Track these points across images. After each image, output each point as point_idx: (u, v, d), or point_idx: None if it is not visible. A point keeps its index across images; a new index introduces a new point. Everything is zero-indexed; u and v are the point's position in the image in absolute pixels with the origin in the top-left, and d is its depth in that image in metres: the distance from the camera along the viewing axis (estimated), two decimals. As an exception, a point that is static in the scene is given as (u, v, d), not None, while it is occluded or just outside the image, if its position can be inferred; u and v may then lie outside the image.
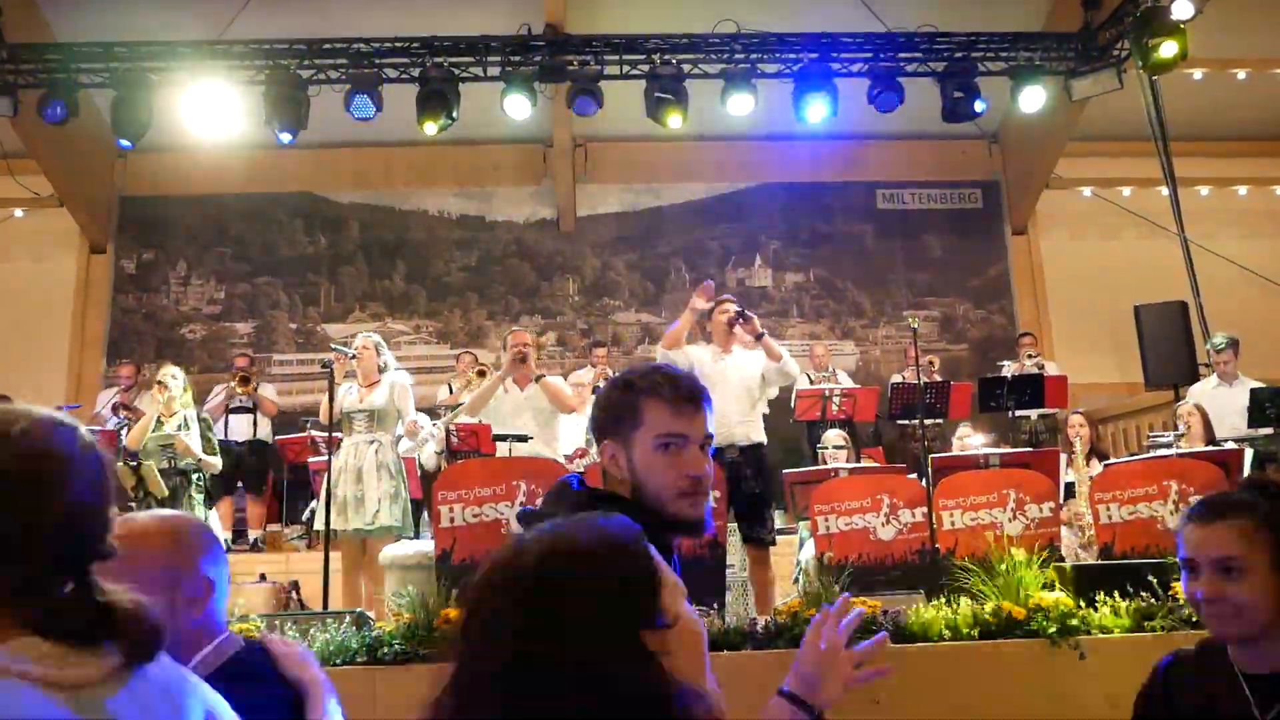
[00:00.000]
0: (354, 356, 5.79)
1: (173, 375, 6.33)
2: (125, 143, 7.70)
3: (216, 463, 6.41)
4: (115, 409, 8.25)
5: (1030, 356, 8.88)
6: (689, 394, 1.57)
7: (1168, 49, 7.36)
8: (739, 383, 5.32)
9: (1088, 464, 6.62)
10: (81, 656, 0.96)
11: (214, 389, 8.92)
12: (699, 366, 5.23)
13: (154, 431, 6.17)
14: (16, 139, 8.89)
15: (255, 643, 1.62)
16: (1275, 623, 1.59)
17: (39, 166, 9.45)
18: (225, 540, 8.35)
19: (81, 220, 10.16)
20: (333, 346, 5.88)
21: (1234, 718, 1.59)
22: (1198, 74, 9.19)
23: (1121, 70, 7.90)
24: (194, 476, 6.20)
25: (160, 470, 5.86)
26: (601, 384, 7.91)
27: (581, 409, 6.59)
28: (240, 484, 8.52)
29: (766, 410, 5.54)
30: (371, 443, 5.66)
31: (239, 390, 8.54)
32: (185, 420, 6.21)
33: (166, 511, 1.66)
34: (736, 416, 5.25)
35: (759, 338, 5.43)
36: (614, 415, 1.61)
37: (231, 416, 8.57)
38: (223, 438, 8.43)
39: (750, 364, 5.41)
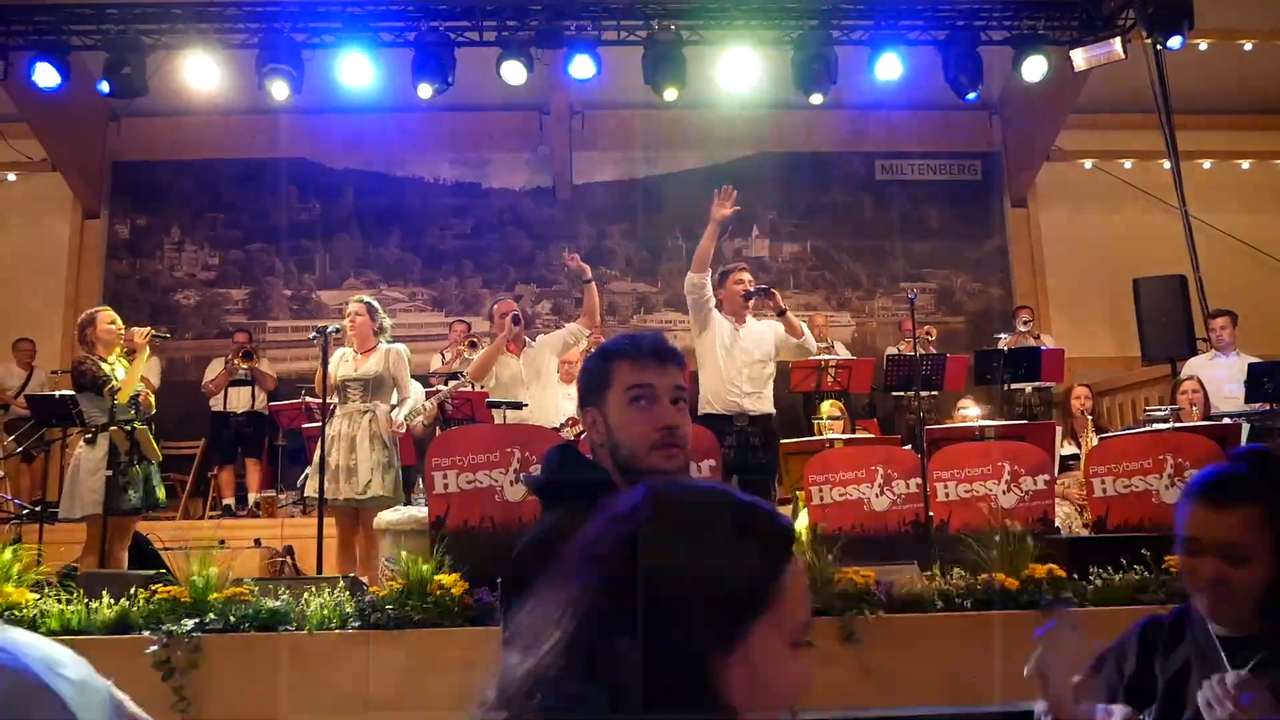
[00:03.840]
0: (337, 331, 5.61)
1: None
2: (104, 89, 7.62)
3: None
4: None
5: (1025, 324, 8.86)
6: (651, 348, 1.63)
7: (1175, 41, 7.32)
8: (752, 354, 5.38)
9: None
10: None
11: (211, 364, 9.03)
12: (719, 337, 5.32)
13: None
14: (8, 102, 8.78)
15: None
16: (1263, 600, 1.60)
17: (31, 130, 9.34)
18: (228, 506, 8.40)
19: (74, 185, 10.06)
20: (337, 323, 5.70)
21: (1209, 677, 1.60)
22: (1203, 45, 9.04)
23: (1126, 40, 7.82)
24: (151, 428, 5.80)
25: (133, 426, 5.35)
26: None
27: (573, 377, 6.57)
28: (240, 449, 8.75)
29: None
30: (365, 412, 5.58)
31: (242, 366, 8.65)
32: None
33: None
34: (747, 386, 5.33)
35: (781, 314, 5.48)
36: (590, 381, 1.67)
37: (231, 389, 8.82)
38: (221, 409, 8.78)
39: (764, 335, 5.49)
